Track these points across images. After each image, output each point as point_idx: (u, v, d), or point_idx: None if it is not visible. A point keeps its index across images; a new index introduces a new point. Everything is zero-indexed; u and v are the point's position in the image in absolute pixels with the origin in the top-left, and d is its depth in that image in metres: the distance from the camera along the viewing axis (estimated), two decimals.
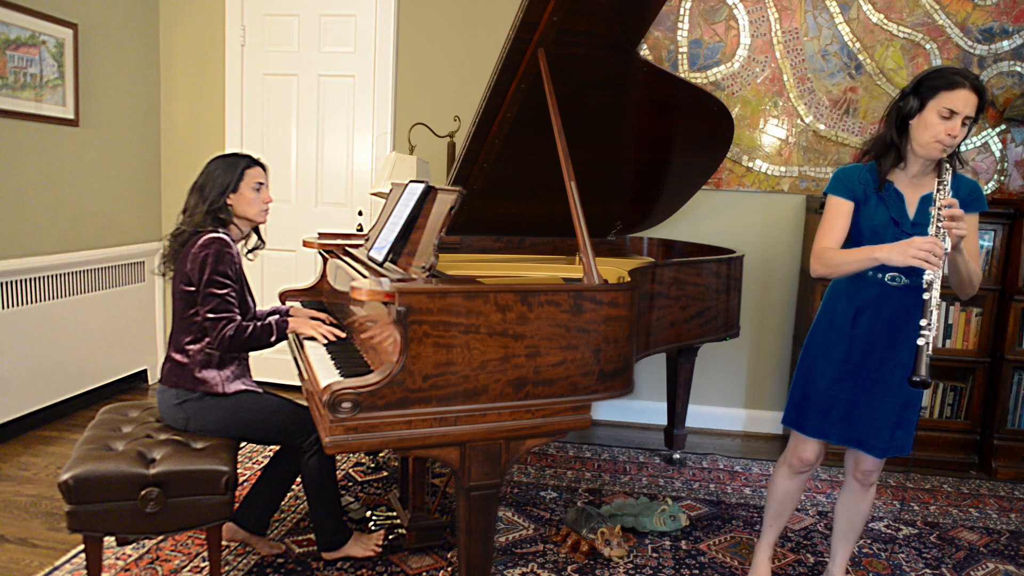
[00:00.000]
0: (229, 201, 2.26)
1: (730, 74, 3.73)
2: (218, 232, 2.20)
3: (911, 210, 1.95)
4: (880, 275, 1.96)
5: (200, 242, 2.16)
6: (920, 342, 1.73)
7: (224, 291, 2.14)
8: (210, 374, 2.18)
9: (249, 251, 2.44)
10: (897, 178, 1.97)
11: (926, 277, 1.75)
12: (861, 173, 1.98)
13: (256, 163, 2.32)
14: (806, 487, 3.17)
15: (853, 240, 1.99)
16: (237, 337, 2.13)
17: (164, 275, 2.29)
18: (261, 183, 2.31)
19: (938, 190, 1.81)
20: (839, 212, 1.97)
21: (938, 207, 1.78)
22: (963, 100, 1.80)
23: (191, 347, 2.18)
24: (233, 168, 2.27)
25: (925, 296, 1.75)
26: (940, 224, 1.76)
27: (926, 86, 1.84)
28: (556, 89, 2.13)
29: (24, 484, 2.85)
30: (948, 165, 1.85)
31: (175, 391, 2.18)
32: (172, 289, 2.23)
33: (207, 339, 2.17)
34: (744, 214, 3.83)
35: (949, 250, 1.76)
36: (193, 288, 2.16)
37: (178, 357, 2.19)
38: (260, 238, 2.47)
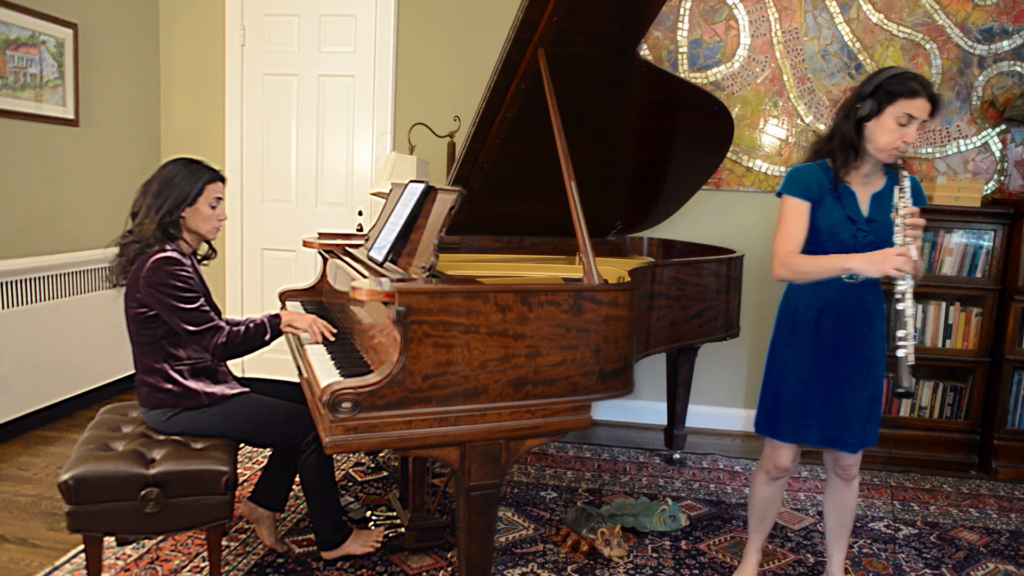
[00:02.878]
0: (183, 214, 2.16)
1: (730, 74, 3.73)
2: (166, 250, 2.09)
3: (864, 208, 1.97)
4: None
5: (149, 265, 2.06)
6: (900, 353, 1.75)
7: (196, 303, 2.08)
8: (191, 384, 2.15)
9: (201, 259, 2.32)
10: (849, 177, 1.99)
11: (899, 287, 1.78)
12: (816, 173, 1.99)
13: (218, 177, 2.21)
14: (805, 487, 3.18)
15: (809, 239, 2.00)
16: (231, 342, 2.08)
17: (115, 285, 2.17)
18: (220, 198, 2.21)
19: (900, 197, 1.84)
20: (798, 214, 1.98)
21: (902, 215, 1.82)
22: (920, 107, 1.84)
23: (158, 366, 2.14)
24: (195, 179, 2.15)
25: (899, 307, 1.77)
26: (906, 233, 1.81)
27: (885, 91, 1.86)
28: (556, 89, 2.13)
29: (24, 484, 2.85)
30: (905, 172, 1.88)
31: (160, 410, 2.15)
32: (125, 310, 2.14)
33: (180, 352, 2.14)
34: (744, 214, 3.83)
35: (915, 257, 1.80)
36: (147, 310, 2.08)
37: (149, 379, 2.15)
38: (211, 247, 2.36)
